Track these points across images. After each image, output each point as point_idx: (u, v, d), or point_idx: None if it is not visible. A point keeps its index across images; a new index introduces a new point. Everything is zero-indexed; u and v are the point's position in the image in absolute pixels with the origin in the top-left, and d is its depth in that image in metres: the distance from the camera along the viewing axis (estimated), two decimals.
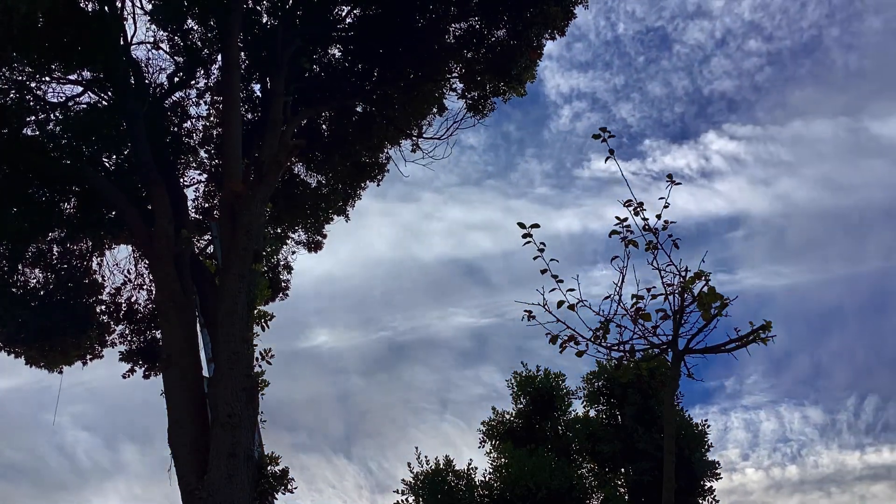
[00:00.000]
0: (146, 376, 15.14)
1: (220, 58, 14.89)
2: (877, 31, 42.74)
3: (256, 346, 11.41)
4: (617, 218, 6.69)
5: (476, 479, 18.96)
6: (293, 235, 17.67)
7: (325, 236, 17.89)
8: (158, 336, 14.94)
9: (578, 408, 20.69)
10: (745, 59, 44.48)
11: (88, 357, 15.24)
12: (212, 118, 16.22)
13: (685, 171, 41.55)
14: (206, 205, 16.62)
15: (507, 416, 20.73)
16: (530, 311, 6.68)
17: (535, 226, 6.64)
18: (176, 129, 15.55)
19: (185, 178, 15.81)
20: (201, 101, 16.01)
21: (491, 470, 19.18)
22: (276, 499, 10.47)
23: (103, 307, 15.39)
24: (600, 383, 20.10)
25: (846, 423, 34.60)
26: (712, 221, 43.31)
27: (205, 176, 16.32)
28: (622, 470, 19.20)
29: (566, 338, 6.62)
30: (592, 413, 20.17)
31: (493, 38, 15.49)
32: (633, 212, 6.68)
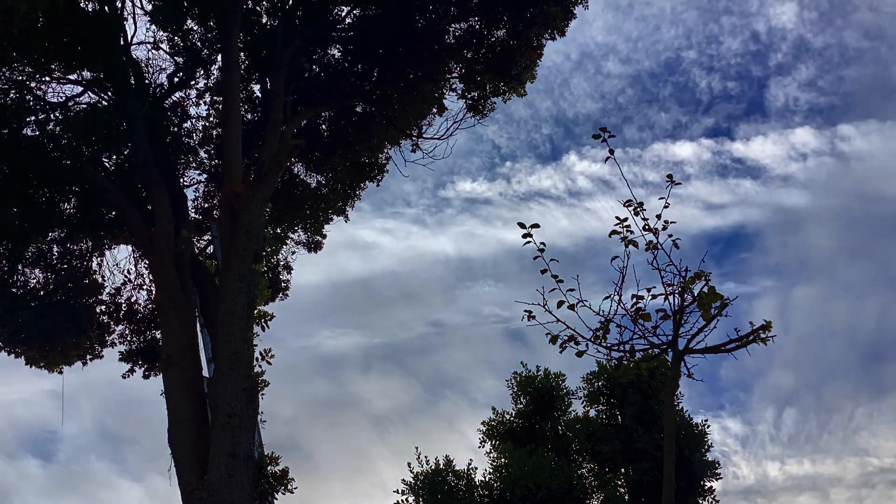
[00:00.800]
0: (146, 376, 15.15)
1: (220, 58, 14.88)
2: (736, 52, 44.16)
3: (256, 346, 11.42)
4: (617, 218, 6.70)
5: (476, 479, 18.95)
6: (293, 235, 17.68)
7: (324, 236, 17.91)
8: (158, 336, 14.94)
9: (578, 408, 20.69)
10: (604, 81, 45.23)
11: (88, 357, 15.24)
12: (212, 118, 16.23)
13: (552, 192, 41.99)
14: (206, 205, 16.63)
15: (507, 417, 20.72)
16: (530, 311, 6.68)
17: (535, 226, 6.63)
18: (176, 129, 15.55)
19: (185, 178, 15.83)
20: (201, 101, 16.05)
21: (491, 470, 19.16)
22: (276, 499, 10.48)
23: (103, 307, 15.39)
24: (600, 383, 20.08)
25: (768, 435, 34.97)
26: (589, 242, 43.55)
27: (205, 176, 16.35)
28: (622, 470, 19.18)
29: (566, 338, 6.62)
30: (592, 413, 20.15)
31: (493, 38, 15.49)
32: (633, 212, 6.67)
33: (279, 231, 17.33)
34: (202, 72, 15.73)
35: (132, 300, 15.73)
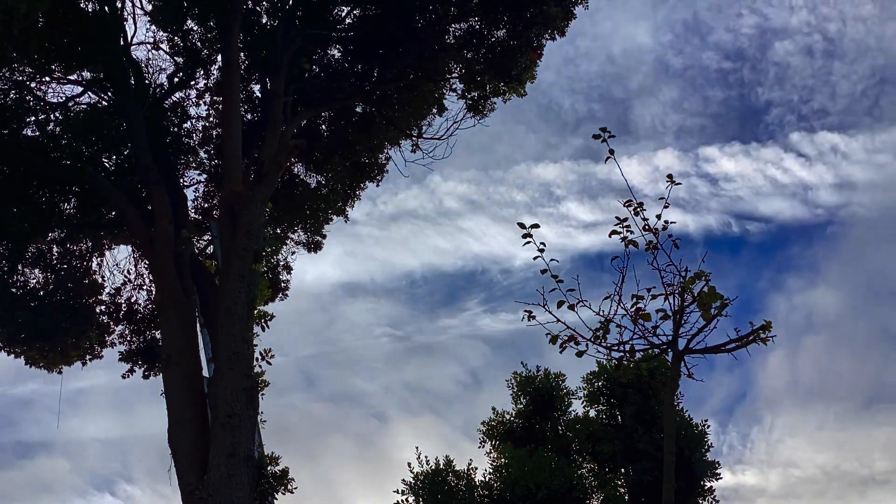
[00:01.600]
0: (146, 376, 15.14)
1: (220, 58, 14.88)
2: (594, 74, 44.91)
3: (256, 346, 11.42)
4: (617, 218, 6.70)
5: (476, 479, 18.96)
6: (293, 235, 17.67)
7: (324, 236, 17.90)
8: (158, 336, 14.93)
9: (578, 408, 20.69)
10: None
11: (88, 357, 15.23)
12: (212, 118, 16.22)
13: (420, 211, 42.13)
14: (206, 205, 16.63)
15: (507, 417, 20.72)
16: (530, 311, 6.69)
17: (536, 226, 6.64)
18: (176, 129, 15.54)
19: (185, 178, 15.81)
20: (201, 102, 16.04)
21: (491, 470, 19.17)
22: (276, 499, 10.47)
23: (103, 307, 15.38)
24: (600, 383, 20.09)
25: None
26: (475, 262, 43.47)
27: (205, 176, 16.34)
28: (622, 470, 19.19)
29: (566, 338, 6.62)
30: (592, 413, 20.16)
31: (493, 38, 15.49)
32: (633, 212, 6.68)
33: (279, 231, 17.33)
34: (202, 72, 15.74)
35: (132, 300, 15.73)
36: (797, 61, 43.09)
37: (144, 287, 15.77)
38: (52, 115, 13.87)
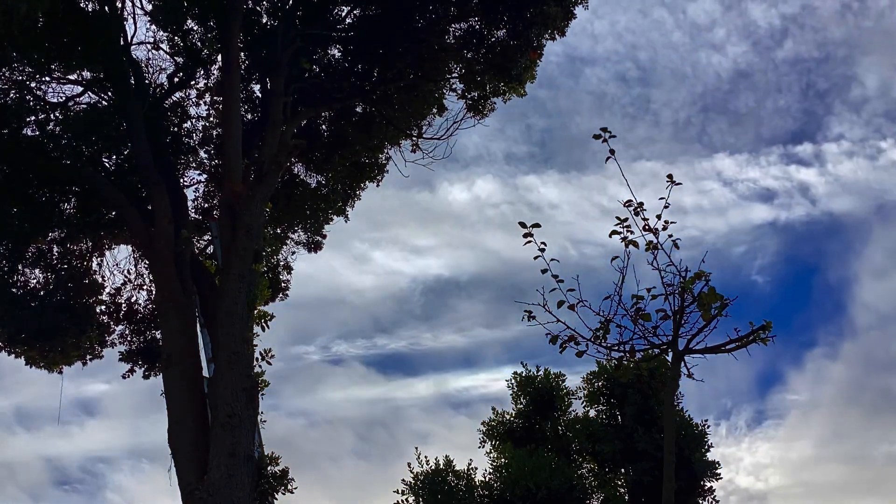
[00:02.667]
0: (146, 376, 15.14)
1: (220, 58, 14.88)
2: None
3: (256, 346, 11.42)
4: (617, 218, 6.70)
5: (476, 480, 18.95)
6: (293, 235, 17.67)
7: (324, 236, 17.90)
8: (158, 336, 14.93)
9: (578, 408, 20.68)
10: None
11: (88, 357, 15.23)
12: (212, 118, 16.21)
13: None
14: (206, 205, 16.63)
15: (507, 417, 20.71)
16: (530, 311, 6.69)
17: (536, 225, 6.64)
18: (176, 129, 15.54)
19: (185, 178, 15.80)
20: (201, 101, 16.02)
21: (491, 470, 19.16)
22: (276, 499, 10.47)
23: (103, 307, 15.38)
24: (600, 383, 20.08)
25: None
26: (329, 292, 43.31)
27: (205, 176, 16.33)
28: (622, 470, 19.18)
29: (566, 338, 6.62)
30: (592, 413, 20.14)
31: (493, 38, 15.49)
32: (633, 212, 6.68)
33: (279, 231, 17.33)
34: (202, 72, 15.73)
35: (132, 300, 15.73)
36: (612, 89, 43.64)
37: (144, 287, 15.78)
38: (52, 115, 13.86)
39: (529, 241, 6.63)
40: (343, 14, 15.96)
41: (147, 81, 14.86)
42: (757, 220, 42.69)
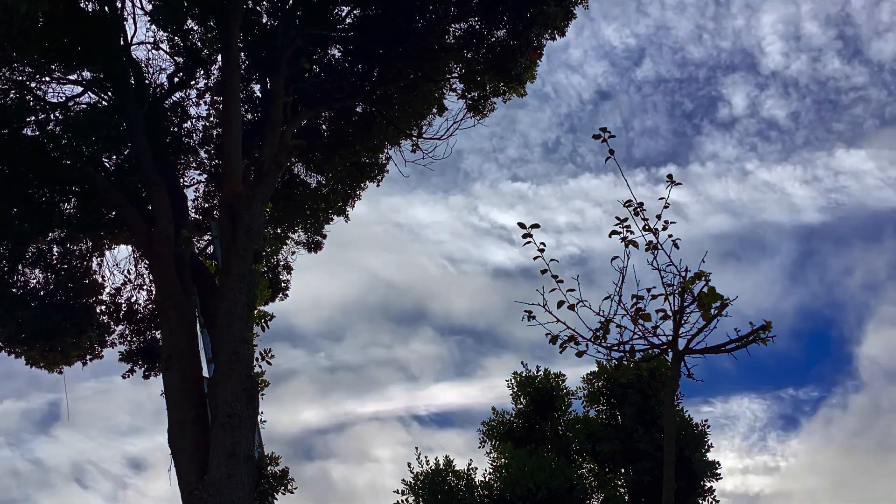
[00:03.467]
0: (146, 376, 15.14)
1: (220, 58, 14.88)
2: None
3: (256, 346, 11.42)
4: (617, 218, 6.70)
5: (476, 480, 18.95)
6: (293, 235, 17.67)
7: (324, 236, 17.90)
8: (158, 336, 14.93)
9: (578, 408, 20.68)
10: None
11: (88, 357, 15.23)
12: (212, 118, 16.21)
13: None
14: (206, 205, 16.63)
15: (507, 417, 20.71)
16: (530, 311, 6.69)
17: (536, 226, 6.64)
18: (176, 129, 15.53)
19: (185, 178, 15.80)
20: (201, 101, 16.02)
21: (491, 470, 19.16)
22: (276, 499, 10.47)
23: (103, 307, 15.37)
24: (600, 383, 20.08)
25: None
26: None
27: (205, 176, 16.33)
28: (622, 470, 19.18)
29: (566, 338, 6.62)
30: (592, 413, 20.14)
31: (493, 38, 15.49)
32: (632, 212, 6.67)
33: (279, 231, 17.33)
34: (202, 72, 15.73)
35: (132, 300, 15.73)
36: None
37: (144, 287, 15.78)
38: (52, 115, 13.86)
39: (529, 242, 6.63)
40: (343, 14, 15.96)
41: (147, 81, 14.87)
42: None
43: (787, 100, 43.13)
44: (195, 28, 15.07)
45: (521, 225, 6.62)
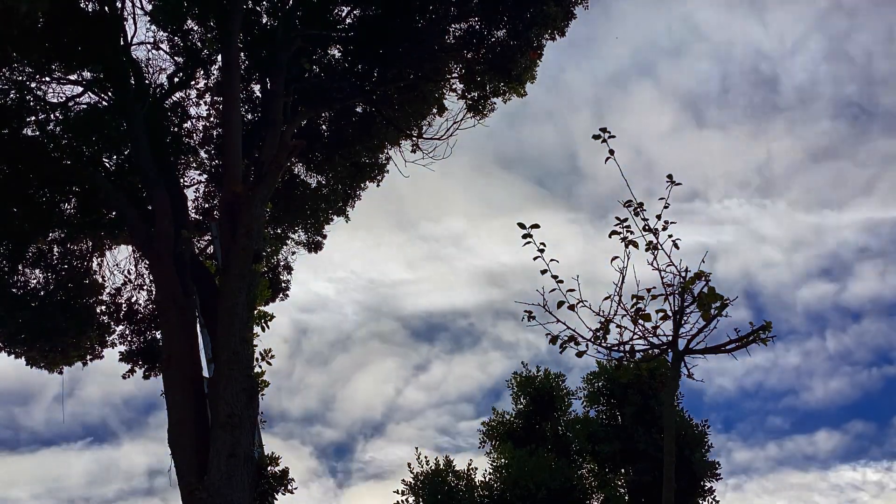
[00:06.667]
0: (146, 376, 15.14)
1: (220, 58, 14.87)
2: None
3: (256, 346, 11.41)
4: (617, 218, 6.69)
5: (476, 480, 18.97)
6: (293, 236, 17.67)
7: (324, 237, 17.90)
8: (158, 336, 14.93)
9: (578, 408, 20.69)
10: None
11: (88, 357, 15.24)
12: (212, 118, 16.21)
13: None
14: (206, 205, 16.61)
15: (507, 417, 20.72)
16: (530, 312, 6.69)
17: (536, 226, 6.64)
18: (176, 129, 15.52)
19: (185, 178, 15.79)
20: (201, 101, 16.00)
21: (491, 470, 19.18)
22: (276, 499, 10.46)
23: (103, 307, 15.38)
24: (600, 383, 20.08)
25: None
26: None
27: (205, 176, 16.32)
28: (622, 470, 19.19)
29: (566, 338, 6.62)
30: (592, 413, 20.16)
31: (493, 39, 15.48)
32: (632, 212, 6.67)
33: (279, 231, 17.32)
34: (202, 72, 15.71)
35: (132, 300, 15.73)
36: None
37: (144, 287, 15.78)
38: (52, 115, 13.85)
39: (529, 242, 6.63)
40: (343, 14, 15.96)
41: (147, 81, 14.85)
42: None
43: None
44: (195, 28, 15.06)
45: (521, 225, 6.62)
